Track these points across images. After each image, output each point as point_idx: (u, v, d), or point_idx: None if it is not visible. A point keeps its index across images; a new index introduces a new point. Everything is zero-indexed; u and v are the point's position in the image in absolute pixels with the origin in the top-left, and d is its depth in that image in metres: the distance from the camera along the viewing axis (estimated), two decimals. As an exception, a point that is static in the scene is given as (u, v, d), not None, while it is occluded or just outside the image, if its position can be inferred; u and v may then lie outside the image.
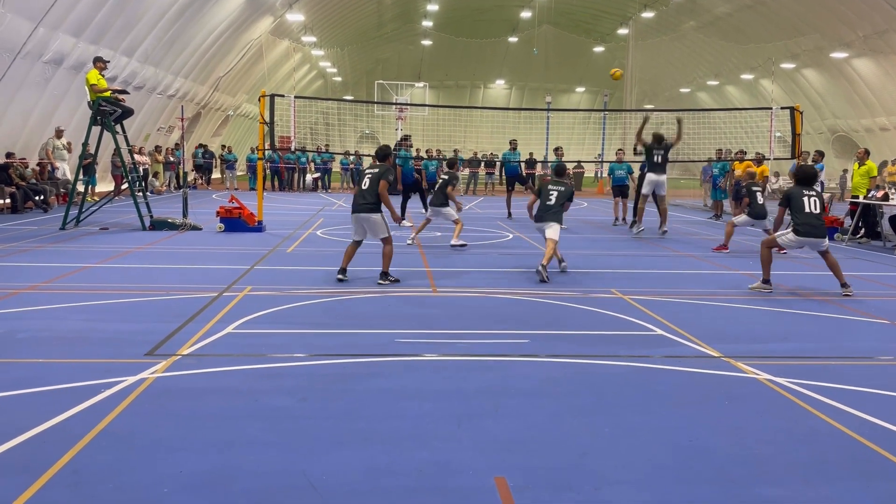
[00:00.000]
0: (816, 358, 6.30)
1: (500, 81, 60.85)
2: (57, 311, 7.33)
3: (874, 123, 36.52)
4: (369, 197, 9.23)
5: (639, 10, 41.22)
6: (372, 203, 9.23)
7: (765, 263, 9.38)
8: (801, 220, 9.11)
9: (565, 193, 10.42)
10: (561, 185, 10.59)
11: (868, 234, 15.19)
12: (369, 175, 9.38)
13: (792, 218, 9.24)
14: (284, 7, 31.53)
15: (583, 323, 7.43)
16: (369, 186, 9.26)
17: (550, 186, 10.57)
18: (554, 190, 10.45)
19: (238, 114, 39.59)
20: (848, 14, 32.36)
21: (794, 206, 9.23)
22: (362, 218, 9.29)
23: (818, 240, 9.15)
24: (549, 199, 10.39)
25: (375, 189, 9.22)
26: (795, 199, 9.27)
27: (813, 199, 9.22)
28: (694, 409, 4.97)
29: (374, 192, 9.22)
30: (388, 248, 9.37)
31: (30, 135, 19.39)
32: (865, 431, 4.58)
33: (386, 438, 4.36)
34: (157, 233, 13.82)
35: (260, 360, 5.86)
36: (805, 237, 9.14)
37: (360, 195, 9.32)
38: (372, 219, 9.27)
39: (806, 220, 9.10)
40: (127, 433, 4.33)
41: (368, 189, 9.25)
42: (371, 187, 9.24)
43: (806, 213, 9.13)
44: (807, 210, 9.15)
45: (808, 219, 9.10)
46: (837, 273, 9.23)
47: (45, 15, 16.70)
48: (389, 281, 9.28)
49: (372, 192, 9.23)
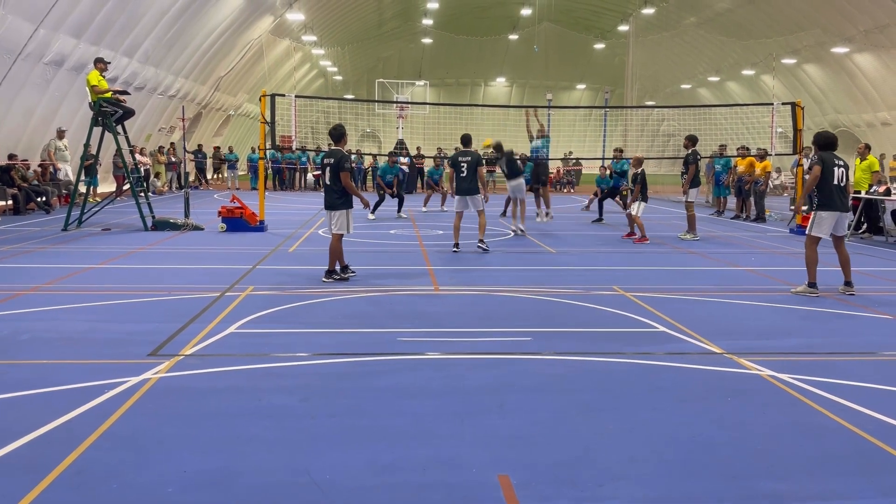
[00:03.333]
0: (820, 353, 6.29)
1: (500, 79, 60.78)
2: (60, 312, 7.34)
3: (875, 118, 36.44)
4: (330, 192, 9.22)
5: (639, 7, 41.12)
6: (335, 199, 9.22)
7: (811, 265, 8.79)
8: (829, 193, 8.59)
9: (473, 162, 11.63)
10: (468, 154, 11.76)
11: (871, 230, 15.17)
12: (328, 167, 9.18)
13: (818, 192, 8.66)
14: (284, 6, 31.51)
15: (585, 320, 7.43)
16: (329, 180, 9.17)
17: (460, 158, 11.75)
18: (463, 161, 11.66)
19: (239, 113, 39.59)
20: (848, 9, 32.28)
21: (825, 176, 8.58)
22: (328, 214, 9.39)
23: (846, 214, 8.71)
24: (461, 171, 11.69)
25: (334, 183, 9.15)
26: (828, 166, 8.61)
27: (841, 171, 8.68)
28: (697, 406, 4.97)
29: (339, 187, 9.15)
30: (335, 244, 9.28)
31: (31, 136, 19.40)
32: (869, 427, 4.58)
33: (389, 436, 4.37)
34: (159, 233, 13.84)
35: (263, 359, 5.87)
36: (836, 211, 8.63)
37: (327, 190, 9.28)
38: (333, 214, 9.29)
39: (835, 192, 8.60)
40: (131, 433, 4.33)
41: (329, 184, 9.19)
42: (331, 181, 9.16)
43: (834, 185, 8.61)
44: (835, 182, 8.62)
45: (837, 191, 8.60)
46: (846, 269, 8.89)
47: (45, 16, 16.70)
48: (334, 279, 9.23)
49: (333, 186, 9.17)
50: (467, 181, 11.75)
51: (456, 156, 11.97)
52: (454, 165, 11.90)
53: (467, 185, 11.76)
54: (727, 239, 14.57)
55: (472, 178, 11.72)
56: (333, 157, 9.15)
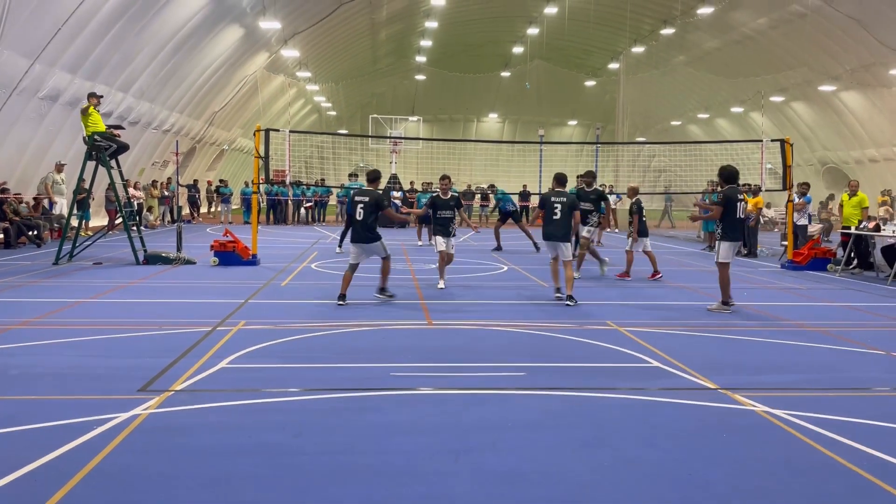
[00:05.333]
0: (813, 389, 6.29)
1: (493, 115, 61.41)
2: (50, 346, 7.28)
3: (863, 155, 36.92)
4: (364, 228, 9.92)
5: (629, 46, 41.87)
6: (367, 235, 9.98)
7: (725, 286, 9.81)
8: (733, 225, 9.70)
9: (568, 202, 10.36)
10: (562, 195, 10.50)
11: (861, 265, 15.26)
12: (361, 205, 9.88)
13: (723, 224, 9.68)
14: (279, 43, 31.88)
15: (579, 355, 7.41)
16: (363, 218, 9.87)
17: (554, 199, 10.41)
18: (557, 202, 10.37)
19: (233, 148, 39.79)
20: (834, 48, 32.93)
21: (730, 210, 9.60)
22: (364, 247, 10.08)
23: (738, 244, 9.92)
24: (554, 213, 10.34)
25: (370, 220, 9.85)
26: (732, 202, 9.65)
27: (742, 205, 9.82)
28: (692, 442, 4.94)
29: (371, 223, 9.87)
30: (386, 264, 10.23)
31: (25, 170, 19.42)
32: (864, 463, 4.56)
33: (382, 473, 4.32)
34: (150, 267, 13.79)
35: (254, 395, 5.81)
36: (738, 241, 9.84)
37: (358, 226, 9.96)
38: (372, 247, 10.06)
39: (737, 224, 9.76)
40: (119, 471, 4.27)
41: (363, 220, 9.88)
42: (365, 218, 9.86)
43: (737, 219, 9.76)
44: (738, 216, 9.75)
45: (739, 223, 9.79)
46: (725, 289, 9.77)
47: (42, 51, 16.84)
48: (386, 296, 10.18)
49: (369, 223, 9.88)
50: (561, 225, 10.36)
51: (548, 195, 10.59)
52: (545, 205, 10.48)
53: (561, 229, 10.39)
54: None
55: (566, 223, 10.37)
56: (368, 196, 9.94)
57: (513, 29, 46.30)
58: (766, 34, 35.59)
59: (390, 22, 40.81)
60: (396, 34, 45.43)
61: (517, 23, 44.89)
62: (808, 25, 30.81)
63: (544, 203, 10.46)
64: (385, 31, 43.56)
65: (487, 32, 49.07)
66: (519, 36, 45.90)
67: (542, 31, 41.97)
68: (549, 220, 10.34)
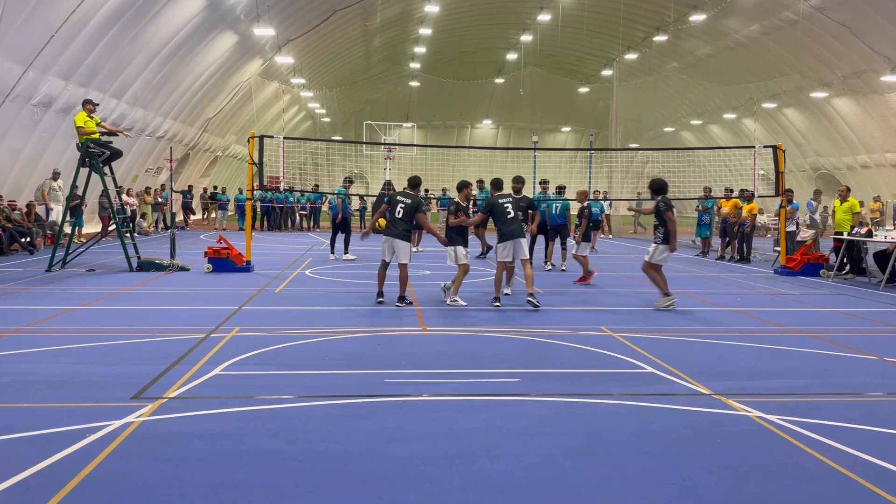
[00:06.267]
0: (807, 395, 6.30)
1: (487, 121, 61.57)
2: (42, 354, 7.24)
3: (855, 161, 37.14)
4: (401, 225, 10.52)
5: (622, 52, 42.06)
6: (403, 230, 10.51)
7: (660, 282, 10.82)
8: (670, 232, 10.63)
9: (412, 206, 10.71)
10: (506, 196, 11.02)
11: (853, 271, 15.32)
12: (402, 205, 10.56)
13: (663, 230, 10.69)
14: (274, 50, 31.92)
15: (573, 361, 7.42)
16: (403, 215, 10.51)
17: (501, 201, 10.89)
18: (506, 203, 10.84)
19: (227, 154, 39.76)
20: (826, 55, 33.14)
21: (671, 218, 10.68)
22: (393, 242, 10.53)
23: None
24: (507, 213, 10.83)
25: (407, 219, 10.51)
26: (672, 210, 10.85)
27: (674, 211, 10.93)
28: (686, 448, 4.95)
29: (406, 222, 10.51)
30: (404, 274, 10.56)
31: (17, 177, 19.38)
32: (858, 469, 4.57)
33: (377, 481, 4.31)
34: (144, 274, 13.75)
35: (248, 402, 5.80)
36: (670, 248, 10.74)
37: (392, 222, 10.50)
38: (400, 244, 10.48)
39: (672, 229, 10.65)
40: (113, 478, 4.25)
41: (402, 218, 10.53)
42: (404, 217, 10.51)
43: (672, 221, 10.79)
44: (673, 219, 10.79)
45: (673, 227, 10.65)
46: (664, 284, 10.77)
47: (35, 58, 16.82)
48: (406, 304, 10.55)
49: (404, 221, 10.52)
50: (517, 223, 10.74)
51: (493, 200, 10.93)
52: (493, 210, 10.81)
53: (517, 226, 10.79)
54: (712, 280, 14.66)
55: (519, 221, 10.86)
56: (410, 199, 10.64)
57: (506, 36, 46.48)
58: (758, 41, 35.80)
59: (384, 29, 40.91)
60: (390, 41, 45.55)
61: (511, 30, 45.07)
62: (800, 33, 31.01)
63: (492, 208, 10.93)
64: (379, 38, 43.67)
65: (481, 39, 49.24)
66: (512, 43, 46.08)
67: (535, 37, 42.16)
68: (504, 221, 10.76)
